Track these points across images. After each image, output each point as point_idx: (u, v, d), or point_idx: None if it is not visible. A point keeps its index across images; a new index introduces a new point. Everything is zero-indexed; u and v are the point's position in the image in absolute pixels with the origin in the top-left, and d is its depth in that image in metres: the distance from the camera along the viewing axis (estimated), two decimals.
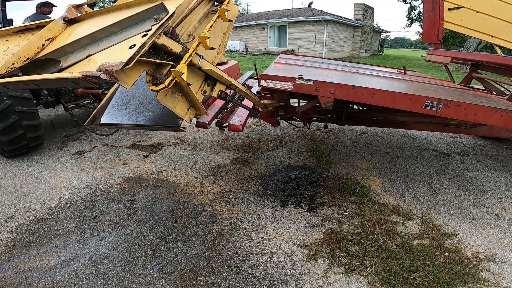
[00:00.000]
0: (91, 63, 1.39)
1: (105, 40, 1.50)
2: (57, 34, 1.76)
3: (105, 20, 1.67)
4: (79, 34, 1.64)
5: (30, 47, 1.66)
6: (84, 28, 1.74)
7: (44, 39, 1.71)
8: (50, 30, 1.74)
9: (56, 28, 1.78)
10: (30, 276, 2.02)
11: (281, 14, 27.16)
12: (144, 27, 1.45)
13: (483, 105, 2.17)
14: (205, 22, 1.92)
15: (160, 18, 1.39)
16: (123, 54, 1.23)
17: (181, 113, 1.74)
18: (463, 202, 3.00)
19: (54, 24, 1.78)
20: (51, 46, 1.69)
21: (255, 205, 2.87)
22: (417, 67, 15.64)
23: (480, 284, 1.99)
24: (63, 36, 1.76)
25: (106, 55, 1.40)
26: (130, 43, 1.30)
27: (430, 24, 4.27)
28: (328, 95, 2.23)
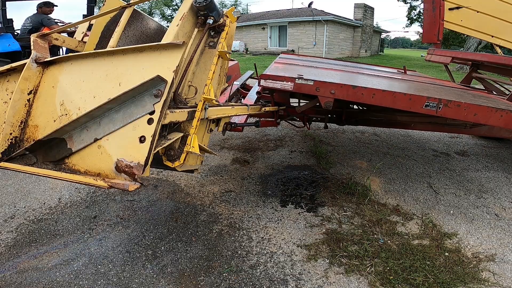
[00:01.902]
0: (104, 153, 1.33)
1: (105, 118, 1.37)
2: (36, 83, 1.55)
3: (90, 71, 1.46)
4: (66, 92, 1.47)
5: (17, 109, 1.50)
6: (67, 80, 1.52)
7: (26, 93, 1.52)
8: (27, 80, 1.53)
9: (32, 75, 1.54)
10: (30, 276, 2.02)
11: (281, 14, 27.15)
12: (144, 103, 1.30)
13: (483, 105, 2.17)
14: (203, 60, 1.79)
15: (160, 93, 1.27)
16: (136, 150, 1.22)
17: (194, 164, 1.76)
18: (463, 202, 3.00)
19: (28, 71, 1.54)
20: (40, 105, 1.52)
21: (255, 205, 2.87)
22: (417, 67, 15.63)
23: (480, 284, 1.99)
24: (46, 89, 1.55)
25: (115, 142, 1.33)
26: (137, 131, 1.26)
27: (430, 24, 4.27)
28: (328, 95, 2.22)
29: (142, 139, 1.24)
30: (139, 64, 1.35)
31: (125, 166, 1.22)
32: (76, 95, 1.43)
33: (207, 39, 1.80)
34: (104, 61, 1.42)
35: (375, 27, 29.71)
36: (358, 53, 25.84)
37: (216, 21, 1.71)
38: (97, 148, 1.35)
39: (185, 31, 1.63)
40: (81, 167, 1.38)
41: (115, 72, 1.38)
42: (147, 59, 1.35)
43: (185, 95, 1.68)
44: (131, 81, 1.33)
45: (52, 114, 1.46)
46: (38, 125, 1.49)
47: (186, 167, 1.69)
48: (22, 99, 1.47)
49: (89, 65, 1.46)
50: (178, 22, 1.56)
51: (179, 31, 1.55)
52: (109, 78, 1.39)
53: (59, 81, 1.50)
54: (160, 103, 1.26)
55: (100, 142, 1.35)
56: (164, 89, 1.26)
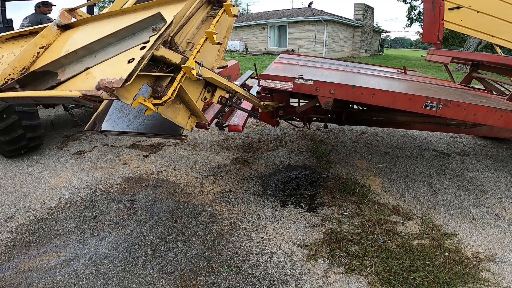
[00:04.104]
0: (90, 77, 1.36)
1: (102, 52, 1.45)
2: (51, 41, 1.71)
3: (101, 28, 1.62)
4: (75, 42, 1.60)
5: (25, 56, 1.61)
6: (79, 35, 1.68)
7: (38, 47, 1.66)
8: (44, 37, 1.68)
9: (50, 34, 1.71)
10: (30, 276, 2.02)
11: (281, 14, 27.15)
12: (142, 37, 1.40)
13: (483, 105, 2.17)
14: (204, 27, 1.87)
15: (158, 28, 1.35)
16: (122, 69, 1.22)
17: (183, 122, 1.75)
18: (463, 202, 3.00)
19: (48, 30, 1.71)
20: (47, 55, 1.65)
21: (255, 205, 2.87)
22: (417, 67, 15.63)
23: (480, 284, 1.99)
24: (58, 44, 1.71)
25: (104, 68, 1.36)
26: (128, 56, 1.28)
27: (430, 24, 4.27)
28: (328, 95, 2.22)
29: (130, 60, 1.25)
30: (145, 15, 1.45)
31: (106, 83, 1.17)
32: (81, 42, 1.50)
33: (210, 11, 1.90)
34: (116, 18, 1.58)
35: (375, 27, 29.70)
36: (358, 53, 25.83)
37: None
38: (85, 75, 1.39)
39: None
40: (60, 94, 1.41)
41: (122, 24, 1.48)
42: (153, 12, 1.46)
43: (182, 49, 1.70)
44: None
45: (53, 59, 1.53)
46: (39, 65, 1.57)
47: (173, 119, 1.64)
48: (32, 50, 1.59)
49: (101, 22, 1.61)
50: None
51: None
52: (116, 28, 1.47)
53: (71, 38, 1.64)
54: (155, 35, 1.32)
55: (90, 70, 1.39)
56: (162, 26, 1.35)
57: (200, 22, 1.86)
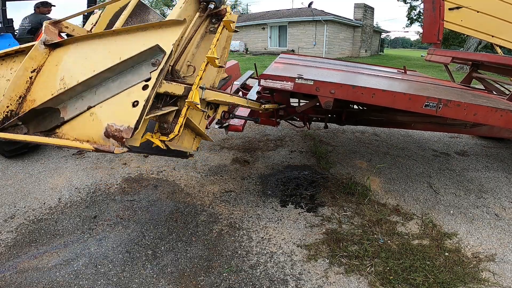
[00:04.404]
0: (95, 119, 1.32)
1: (101, 87, 1.38)
2: (41, 62, 1.58)
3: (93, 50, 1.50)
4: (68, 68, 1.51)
5: (18, 84, 1.51)
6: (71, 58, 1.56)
7: (29, 71, 1.54)
8: (33, 59, 1.56)
9: (39, 55, 1.58)
10: (30, 276, 2.02)
11: (281, 14, 27.14)
12: (141, 71, 1.32)
13: (483, 105, 2.17)
14: (203, 45, 1.82)
15: (158, 62, 1.28)
16: (128, 114, 1.21)
17: (188, 146, 1.76)
18: (463, 202, 3.00)
19: (35, 51, 1.57)
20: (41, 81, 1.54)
21: (255, 205, 2.87)
22: (417, 67, 15.63)
23: (480, 284, 1.99)
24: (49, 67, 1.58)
25: (108, 109, 1.32)
26: (131, 96, 1.25)
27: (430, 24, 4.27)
28: (328, 95, 2.22)
29: (135, 104, 1.22)
30: (141, 41, 1.37)
31: (114, 131, 1.19)
32: (76, 70, 1.44)
33: (208, 25, 1.83)
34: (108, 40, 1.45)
35: (375, 27, 29.70)
36: (358, 53, 25.83)
37: (217, 7, 1.75)
38: (89, 115, 1.34)
39: (187, 14, 1.68)
40: (71, 136, 1.36)
41: (117, 49, 1.40)
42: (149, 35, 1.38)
43: (183, 73, 1.69)
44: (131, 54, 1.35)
45: (50, 89, 1.46)
46: (35, 99, 1.49)
47: (181, 147, 1.66)
48: (24, 75, 1.50)
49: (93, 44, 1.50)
50: (181, 5, 1.63)
51: (181, 13, 1.62)
52: (111, 54, 1.39)
53: (63, 60, 1.53)
54: (156, 71, 1.26)
55: (93, 110, 1.34)
56: (162, 59, 1.27)
57: (199, 39, 1.81)
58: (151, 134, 1.47)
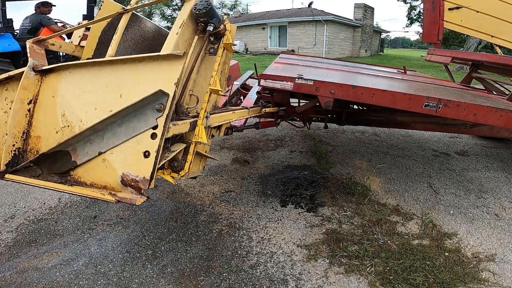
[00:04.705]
0: (108, 166, 1.33)
1: (108, 132, 1.36)
2: (36, 92, 1.50)
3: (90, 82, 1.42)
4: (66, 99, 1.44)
5: (18, 119, 1.46)
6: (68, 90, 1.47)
7: (26, 103, 1.47)
8: (26, 89, 1.47)
9: (31, 84, 1.48)
10: (30, 276, 2.02)
11: (281, 14, 27.15)
12: (147, 117, 1.29)
13: (483, 105, 2.17)
14: (203, 67, 1.74)
15: (163, 107, 1.25)
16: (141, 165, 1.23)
17: (196, 170, 1.76)
18: (463, 202, 3.00)
19: (26, 80, 1.46)
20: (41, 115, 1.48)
21: (255, 205, 2.87)
22: (417, 67, 15.63)
23: (480, 284, 1.99)
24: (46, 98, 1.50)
25: (120, 156, 1.32)
26: (141, 145, 1.26)
27: (430, 24, 4.27)
28: (328, 95, 2.23)
29: (147, 154, 1.25)
30: (140, 75, 1.33)
31: (130, 180, 1.24)
32: (77, 106, 1.41)
33: (207, 46, 1.74)
34: (104, 70, 1.39)
35: (375, 27, 29.71)
36: (358, 53, 25.83)
37: (216, 28, 1.65)
38: (102, 161, 1.35)
39: (185, 38, 1.57)
40: (87, 180, 1.38)
41: (116, 82, 1.36)
42: (148, 69, 1.33)
43: (186, 105, 1.65)
44: (132, 92, 1.31)
45: (54, 125, 1.44)
46: (40, 136, 1.47)
47: (190, 175, 1.69)
48: (22, 109, 1.44)
49: (88, 74, 1.42)
50: (177, 30, 1.49)
51: (179, 40, 1.49)
52: (110, 89, 1.36)
53: (58, 90, 1.46)
54: (162, 117, 1.25)
55: (105, 156, 1.34)
56: (166, 103, 1.24)
57: (199, 64, 1.73)
58: (162, 171, 1.50)
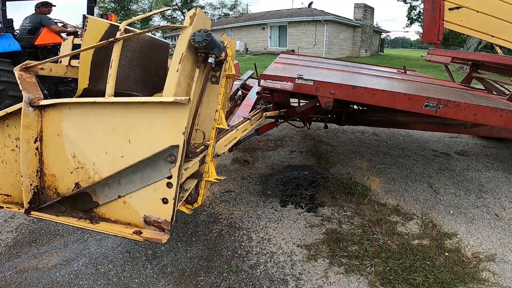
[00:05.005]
0: (129, 208, 1.38)
1: (124, 178, 1.38)
2: (39, 128, 1.45)
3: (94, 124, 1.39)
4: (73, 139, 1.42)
5: (29, 160, 1.44)
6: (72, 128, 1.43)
7: (32, 142, 1.44)
8: (29, 128, 1.42)
9: (32, 121, 1.43)
10: (30, 276, 2.02)
11: (281, 14, 27.15)
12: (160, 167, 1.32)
13: (483, 105, 2.17)
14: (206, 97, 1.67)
15: (174, 158, 1.29)
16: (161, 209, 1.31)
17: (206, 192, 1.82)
18: (463, 202, 3.00)
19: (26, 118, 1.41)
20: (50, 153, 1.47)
21: (255, 205, 2.87)
22: (417, 67, 15.63)
23: (480, 284, 1.99)
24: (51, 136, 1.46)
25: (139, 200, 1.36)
26: (158, 193, 1.31)
27: (430, 24, 4.27)
28: (328, 95, 2.23)
29: (165, 201, 1.30)
30: (146, 119, 1.32)
31: (153, 221, 1.32)
32: (86, 148, 1.42)
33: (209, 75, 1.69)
34: (106, 111, 1.36)
35: (375, 27, 29.71)
36: (358, 53, 25.83)
37: (217, 57, 1.57)
38: (123, 203, 1.39)
39: (186, 73, 1.50)
40: (111, 217, 1.41)
41: (121, 126, 1.35)
42: (153, 114, 1.31)
43: (193, 140, 1.64)
44: (140, 140, 1.32)
45: (67, 165, 1.45)
46: (55, 174, 1.48)
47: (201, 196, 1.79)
48: (30, 149, 1.43)
49: (90, 114, 1.40)
50: (177, 67, 1.41)
51: (180, 77, 1.42)
52: (117, 132, 1.36)
53: (63, 129, 1.44)
54: (175, 168, 1.28)
55: (124, 199, 1.38)
56: (177, 154, 1.27)
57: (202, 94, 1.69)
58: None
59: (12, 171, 1.53)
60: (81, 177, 1.44)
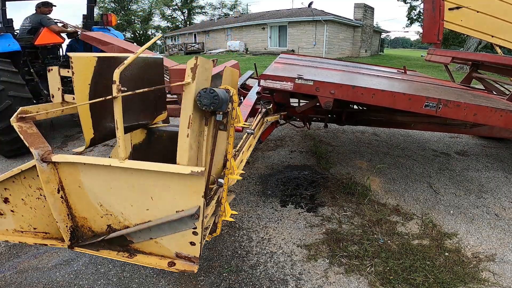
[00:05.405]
0: (162, 247, 1.51)
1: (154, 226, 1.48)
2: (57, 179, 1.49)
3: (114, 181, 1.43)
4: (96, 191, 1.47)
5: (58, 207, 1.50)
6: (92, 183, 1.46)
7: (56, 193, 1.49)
8: (49, 182, 1.47)
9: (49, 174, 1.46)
10: (30, 276, 2.02)
11: (281, 14, 27.17)
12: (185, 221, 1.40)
13: (482, 105, 2.17)
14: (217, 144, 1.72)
15: (197, 215, 1.37)
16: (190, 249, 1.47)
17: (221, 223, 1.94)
18: (463, 202, 3.00)
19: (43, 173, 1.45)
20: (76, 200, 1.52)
21: (255, 205, 2.87)
22: (417, 67, 15.64)
23: (480, 284, 1.99)
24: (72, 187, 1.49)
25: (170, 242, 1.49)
26: (186, 238, 1.44)
27: (430, 24, 4.27)
28: (328, 95, 2.23)
29: (193, 243, 1.45)
30: (164, 183, 1.37)
31: (184, 257, 1.48)
32: (111, 200, 1.48)
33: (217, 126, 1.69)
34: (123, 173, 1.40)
35: (375, 27, 29.71)
36: (358, 53, 25.83)
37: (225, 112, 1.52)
38: (155, 243, 1.51)
39: (195, 134, 1.48)
40: (146, 250, 1.55)
41: (141, 185, 1.42)
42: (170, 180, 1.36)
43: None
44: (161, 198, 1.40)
45: (96, 211, 1.53)
46: (86, 217, 1.56)
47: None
48: (56, 199, 1.50)
49: (107, 173, 1.44)
50: (187, 132, 1.39)
51: (191, 141, 1.41)
52: (137, 190, 1.42)
53: (83, 183, 1.48)
54: (199, 221, 1.38)
55: (156, 240, 1.50)
56: (199, 211, 1.36)
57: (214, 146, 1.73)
58: None
59: (44, 214, 1.61)
60: (112, 221, 1.53)
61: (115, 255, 1.57)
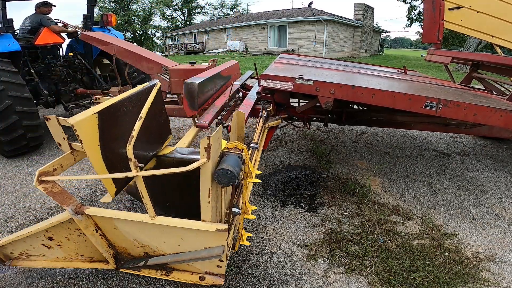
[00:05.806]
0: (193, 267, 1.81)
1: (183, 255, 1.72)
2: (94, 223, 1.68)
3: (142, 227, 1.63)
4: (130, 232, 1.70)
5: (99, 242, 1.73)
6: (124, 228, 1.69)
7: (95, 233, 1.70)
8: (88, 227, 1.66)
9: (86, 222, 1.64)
10: (30, 276, 2.02)
11: (281, 14, 27.17)
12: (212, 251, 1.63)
13: (482, 105, 2.17)
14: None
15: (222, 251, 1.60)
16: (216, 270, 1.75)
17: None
18: (463, 202, 3.00)
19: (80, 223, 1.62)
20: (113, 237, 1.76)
21: (255, 205, 2.87)
22: (417, 67, 15.64)
23: (480, 284, 1.99)
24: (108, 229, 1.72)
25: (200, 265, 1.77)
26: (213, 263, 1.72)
27: (430, 24, 4.27)
28: (328, 95, 2.23)
29: (219, 266, 1.73)
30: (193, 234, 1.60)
31: (213, 274, 1.78)
32: (145, 238, 1.71)
33: None
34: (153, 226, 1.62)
35: (375, 27, 29.71)
36: (358, 53, 25.83)
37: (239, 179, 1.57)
38: (187, 265, 1.78)
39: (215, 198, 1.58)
40: (179, 268, 1.83)
41: (171, 234, 1.65)
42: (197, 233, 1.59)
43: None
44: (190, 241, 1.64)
45: (132, 244, 1.77)
46: (125, 247, 1.81)
47: None
48: (96, 237, 1.71)
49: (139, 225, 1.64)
50: (208, 200, 1.50)
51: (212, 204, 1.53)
52: (167, 234, 1.65)
53: (118, 227, 1.70)
54: (224, 254, 1.62)
55: (188, 263, 1.76)
56: (224, 249, 1.60)
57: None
58: None
59: (87, 246, 1.81)
60: (148, 251, 1.78)
61: (154, 273, 1.84)
